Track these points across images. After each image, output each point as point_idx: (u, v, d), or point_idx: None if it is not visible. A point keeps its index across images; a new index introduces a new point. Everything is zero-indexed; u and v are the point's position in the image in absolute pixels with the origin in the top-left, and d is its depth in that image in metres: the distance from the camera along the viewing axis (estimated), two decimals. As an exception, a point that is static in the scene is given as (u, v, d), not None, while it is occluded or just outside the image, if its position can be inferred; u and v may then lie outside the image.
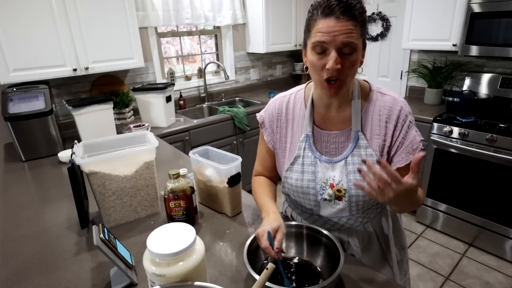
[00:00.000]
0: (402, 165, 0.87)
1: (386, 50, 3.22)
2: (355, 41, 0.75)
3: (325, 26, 0.75)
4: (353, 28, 0.74)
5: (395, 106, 0.87)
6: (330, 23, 0.74)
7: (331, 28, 0.74)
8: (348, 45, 0.75)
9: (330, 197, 0.92)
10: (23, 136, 1.83)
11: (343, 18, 0.73)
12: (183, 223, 0.73)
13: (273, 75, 3.80)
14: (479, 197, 2.24)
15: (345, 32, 0.74)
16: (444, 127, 2.29)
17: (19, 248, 1.04)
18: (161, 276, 0.65)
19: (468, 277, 2.09)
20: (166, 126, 2.44)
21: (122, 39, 2.27)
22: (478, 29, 2.22)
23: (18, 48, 1.91)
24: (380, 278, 0.85)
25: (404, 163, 0.87)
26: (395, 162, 0.88)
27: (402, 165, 0.87)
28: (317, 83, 0.84)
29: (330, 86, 0.80)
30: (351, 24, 0.74)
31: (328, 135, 0.92)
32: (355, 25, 0.75)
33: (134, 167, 1.10)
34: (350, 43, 0.75)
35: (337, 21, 0.74)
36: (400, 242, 1.07)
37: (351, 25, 0.74)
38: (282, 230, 0.84)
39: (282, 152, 1.00)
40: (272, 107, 1.02)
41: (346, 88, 0.84)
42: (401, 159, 0.87)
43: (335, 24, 0.74)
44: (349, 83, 0.83)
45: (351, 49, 0.76)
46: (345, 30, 0.74)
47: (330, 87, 0.80)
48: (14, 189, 1.49)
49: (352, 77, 0.82)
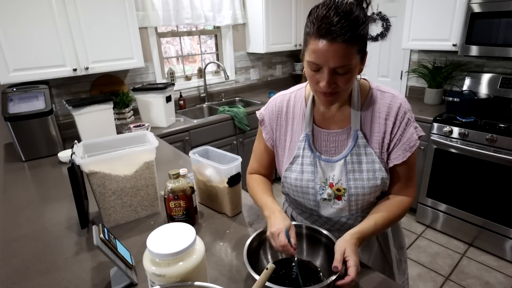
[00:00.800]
0: (398, 162, 0.87)
1: (386, 50, 3.22)
2: (349, 63, 0.73)
3: (318, 48, 0.72)
4: (348, 50, 0.71)
5: (394, 103, 0.87)
6: (324, 46, 0.71)
7: (324, 51, 0.71)
8: (342, 67, 0.74)
9: (330, 196, 0.92)
10: (23, 136, 1.83)
11: (339, 41, 0.69)
12: (183, 223, 0.73)
13: (273, 75, 3.80)
14: (479, 197, 2.24)
15: (339, 55, 0.71)
16: (444, 127, 2.29)
17: (19, 248, 1.04)
18: (161, 276, 0.65)
19: (468, 277, 2.09)
20: (166, 126, 2.44)
21: (122, 39, 2.27)
22: (478, 29, 2.22)
23: (18, 48, 1.91)
24: (379, 277, 0.85)
25: (400, 160, 0.87)
26: (391, 159, 0.88)
27: (398, 162, 0.87)
28: (313, 91, 0.85)
29: (325, 97, 0.81)
30: (346, 47, 0.70)
31: (328, 134, 0.92)
32: (351, 45, 0.71)
33: (134, 167, 1.10)
34: (344, 66, 0.73)
35: (331, 44, 0.70)
36: (399, 242, 1.08)
37: (347, 47, 0.71)
38: (293, 228, 0.84)
39: (282, 151, 1.00)
40: (272, 105, 1.02)
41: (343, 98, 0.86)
42: (397, 156, 0.87)
43: (328, 48, 0.70)
44: (346, 95, 0.85)
45: (346, 69, 0.75)
46: (339, 54, 0.71)
47: (325, 98, 0.81)
48: (14, 189, 1.50)
49: (349, 90, 0.83)
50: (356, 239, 0.78)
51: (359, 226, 0.82)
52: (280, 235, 0.80)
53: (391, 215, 0.87)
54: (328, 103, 0.83)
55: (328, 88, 0.76)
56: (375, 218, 0.85)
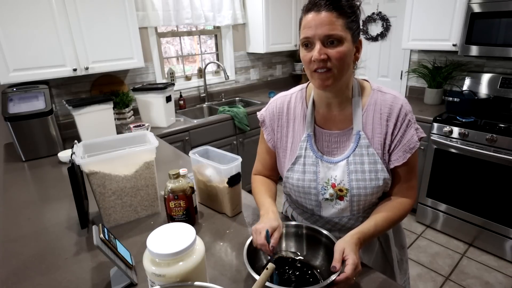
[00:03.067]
0: (399, 163, 0.88)
1: (386, 50, 3.22)
2: (338, 33, 0.77)
3: (308, 21, 0.79)
4: (334, 20, 0.76)
5: (396, 104, 0.87)
6: (312, 16, 0.77)
7: (312, 21, 0.77)
8: (331, 36, 0.77)
9: (332, 196, 0.92)
10: (23, 136, 1.83)
11: (323, 10, 0.76)
12: (183, 223, 0.73)
13: (273, 75, 3.80)
14: (479, 197, 2.24)
15: (326, 23, 0.76)
16: (444, 127, 2.29)
17: (19, 248, 1.04)
18: (161, 276, 0.65)
19: (468, 277, 2.09)
20: (166, 126, 2.44)
21: (122, 39, 2.27)
22: (478, 29, 2.22)
23: (18, 48, 1.91)
24: (381, 278, 0.85)
25: (401, 162, 0.87)
26: (392, 161, 0.89)
27: (399, 163, 0.88)
28: (310, 77, 0.85)
29: (319, 75, 0.81)
30: (332, 16, 0.76)
31: (330, 134, 0.92)
32: (337, 16, 0.76)
33: (134, 167, 1.10)
34: (332, 35, 0.77)
35: (318, 14, 0.77)
36: (400, 242, 1.08)
37: (333, 17, 0.76)
38: (280, 230, 0.85)
39: (283, 152, 1.00)
40: (273, 106, 1.02)
41: (340, 82, 0.84)
42: (398, 157, 0.88)
43: (315, 17, 0.77)
44: (342, 76, 0.83)
45: (335, 40, 0.77)
46: (326, 22, 0.76)
47: (320, 76, 0.81)
48: (14, 189, 1.49)
49: (344, 71, 0.82)
50: (357, 239, 0.78)
51: (360, 227, 0.83)
52: (262, 233, 0.81)
53: (392, 216, 0.87)
54: (323, 83, 0.82)
55: (320, 56, 0.77)
56: (376, 219, 0.85)
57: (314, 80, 0.84)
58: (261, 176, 1.10)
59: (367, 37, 3.28)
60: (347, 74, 0.85)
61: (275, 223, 0.84)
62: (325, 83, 0.82)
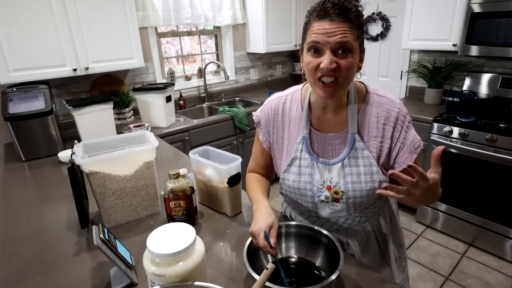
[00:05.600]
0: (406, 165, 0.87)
1: (386, 50, 3.22)
2: (350, 41, 0.75)
3: (320, 28, 0.75)
4: (348, 30, 0.75)
5: (393, 108, 0.87)
6: (325, 25, 0.75)
7: (325, 29, 0.75)
8: (343, 45, 0.75)
9: (327, 199, 0.93)
10: (23, 136, 1.83)
11: (337, 20, 0.74)
12: (183, 223, 0.73)
13: (273, 75, 3.80)
14: (479, 197, 2.24)
15: (340, 32, 0.74)
16: (444, 127, 2.29)
17: (19, 248, 1.04)
18: (161, 276, 0.65)
19: (468, 277, 2.09)
20: (166, 126, 2.44)
21: (122, 39, 2.27)
22: (478, 29, 2.22)
23: (18, 48, 1.91)
24: (380, 277, 0.85)
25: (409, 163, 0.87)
26: (399, 163, 0.88)
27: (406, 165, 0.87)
28: (313, 84, 0.83)
29: (325, 86, 0.79)
30: (346, 26, 0.74)
31: (325, 137, 0.92)
32: (350, 27, 0.75)
33: (134, 167, 1.10)
34: (345, 43, 0.75)
35: (332, 22, 0.74)
36: (398, 240, 1.08)
37: (346, 27, 0.74)
38: (276, 226, 0.85)
39: (279, 153, 1.00)
40: (268, 107, 1.02)
41: (342, 92, 0.84)
42: (405, 159, 0.87)
43: (329, 26, 0.74)
44: (347, 86, 0.83)
45: (347, 49, 0.76)
46: (340, 31, 0.74)
47: (325, 87, 0.80)
48: (14, 189, 1.50)
49: (349, 82, 0.82)
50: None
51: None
52: (260, 235, 0.81)
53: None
54: (328, 94, 0.81)
55: (330, 65, 0.75)
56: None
57: (317, 88, 0.82)
58: (254, 173, 1.11)
59: (367, 37, 3.28)
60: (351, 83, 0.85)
61: (270, 219, 0.85)
62: (331, 94, 0.81)
